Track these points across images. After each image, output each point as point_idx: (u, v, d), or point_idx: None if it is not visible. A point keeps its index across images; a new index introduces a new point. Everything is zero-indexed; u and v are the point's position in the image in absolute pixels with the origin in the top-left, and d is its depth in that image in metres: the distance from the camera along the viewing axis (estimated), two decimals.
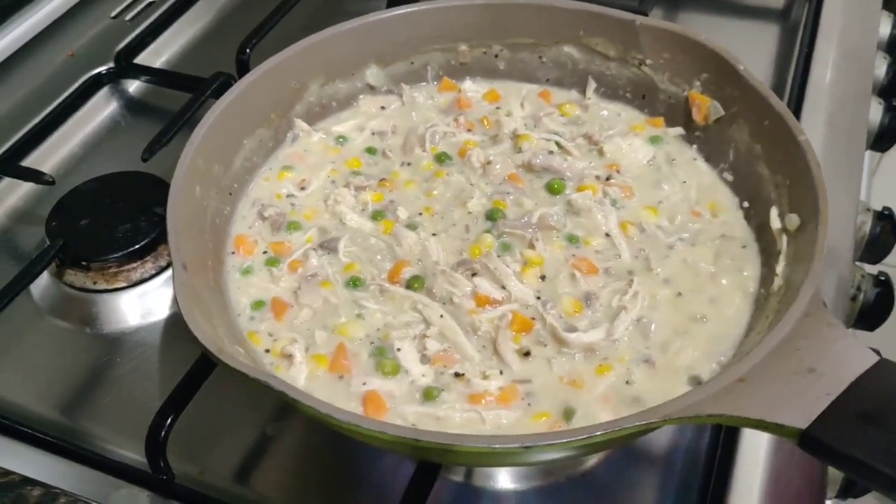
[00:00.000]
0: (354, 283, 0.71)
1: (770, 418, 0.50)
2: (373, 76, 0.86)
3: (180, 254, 0.63)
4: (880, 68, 1.13)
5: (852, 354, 0.52)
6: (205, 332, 0.57)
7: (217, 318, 0.64)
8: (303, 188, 0.79)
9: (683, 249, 0.73)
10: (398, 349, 0.66)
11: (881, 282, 0.92)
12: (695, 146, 0.80)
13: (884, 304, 0.92)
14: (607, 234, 0.74)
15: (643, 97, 0.83)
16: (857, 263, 0.97)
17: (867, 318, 0.93)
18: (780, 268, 0.65)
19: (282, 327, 0.69)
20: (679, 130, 0.81)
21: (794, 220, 0.66)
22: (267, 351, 0.67)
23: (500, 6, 0.82)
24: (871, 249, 0.98)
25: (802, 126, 0.94)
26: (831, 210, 0.87)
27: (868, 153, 1.18)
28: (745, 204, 0.75)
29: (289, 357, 0.66)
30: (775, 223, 0.68)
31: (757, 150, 0.73)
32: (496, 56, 0.86)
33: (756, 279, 0.69)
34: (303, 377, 0.65)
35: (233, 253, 0.74)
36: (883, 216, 0.99)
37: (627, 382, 0.64)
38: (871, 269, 0.97)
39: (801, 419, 0.49)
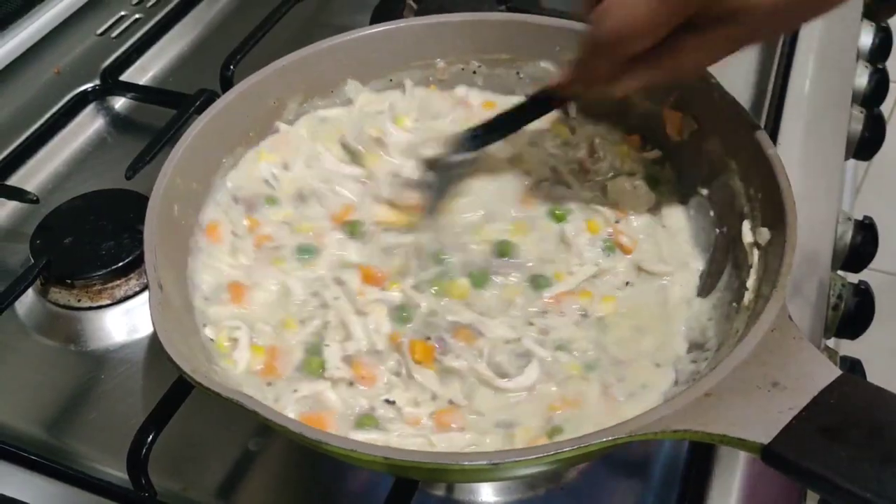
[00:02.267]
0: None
1: (733, 433, 0.50)
2: (353, 90, 0.86)
3: (157, 273, 0.63)
4: (862, 77, 1.14)
5: (816, 368, 0.52)
6: (179, 351, 0.58)
7: (193, 337, 0.65)
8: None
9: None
10: (326, 345, 0.68)
11: (861, 291, 0.92)
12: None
13: (865, 312, 0.92)
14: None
15: (618, 113, 0.83)
16: (840, 272, 0.98)
17: (849, 326, 0.93)
18: (750, 282, 0.65)
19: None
20: (657, 153, 0.81)
21: (764, 233, 0.67)
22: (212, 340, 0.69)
23: (477, 22, 0.83)
24: (853, 258, 0.99)
25: (781, 135, 0.97)
26: (810, 219, 0.88)
27: (853, 162, 1.19)
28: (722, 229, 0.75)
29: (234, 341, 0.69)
30: (747, 237, 0.69)
31: (731, 164, 0.73)
32: (474, 72, 0.86)
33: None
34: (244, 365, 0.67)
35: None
36: (864, 225, 0.99)
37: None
38: (853, 277, 0.97)
39: (764, 434, 0.49)
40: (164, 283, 0.64)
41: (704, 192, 0.77)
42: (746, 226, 0.69)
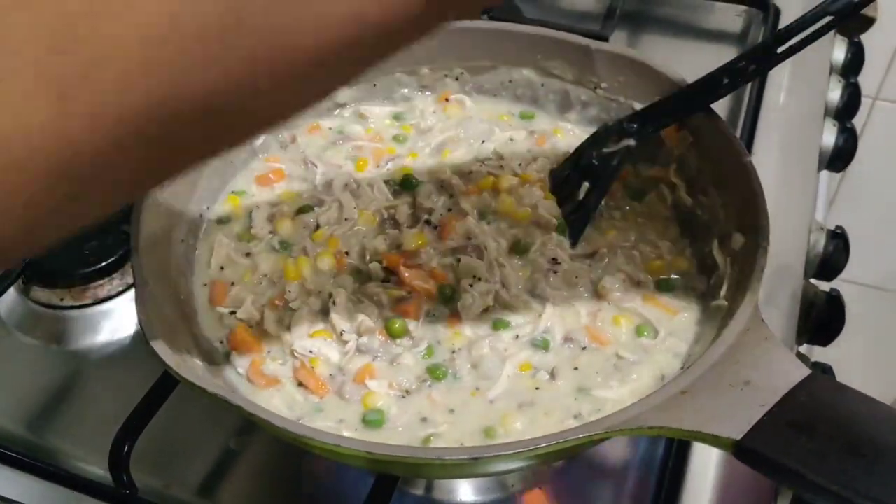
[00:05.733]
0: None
1: (706, 430, 0.52)
2: (340, 94, 0.87)
3: (143, 270, 0.64)
4: (835, 91, 1.17)
5: (786, 368, 0.54)
6: (165, 347, 0.59)
7: (179, 333, 0.65)
8: None
9: None
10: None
11: (833, 299, 0.94)
12: None
13: (836, 320, 0.95)
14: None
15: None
16: (812, 281, 1.00)
17: (821, 333, 0.96)
18: (723, 289, 0.67)
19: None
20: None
21: (738, 239, 0.68)
22: None
23: (460, 30, 0.84)
24: (825, 267, 1.01)
25: (756, 147, 0.99)
26: (783, 229, 0.90)
27: (826, 174, 1.22)
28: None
29: None
30: (717, 249, 0.71)
31: (706, 170, 0.75)
32: (456, 78, 0.88)
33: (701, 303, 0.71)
34: None
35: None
36: (836, 235, 1.02)
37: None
38: (825, 286, 1.00)
39: (736, 430, 0.51)
40: (150, 281, 0.64)
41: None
42: (715, 243, 0.71)
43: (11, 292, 0.85)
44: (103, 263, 0.84)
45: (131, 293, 0.85)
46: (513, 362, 0.66)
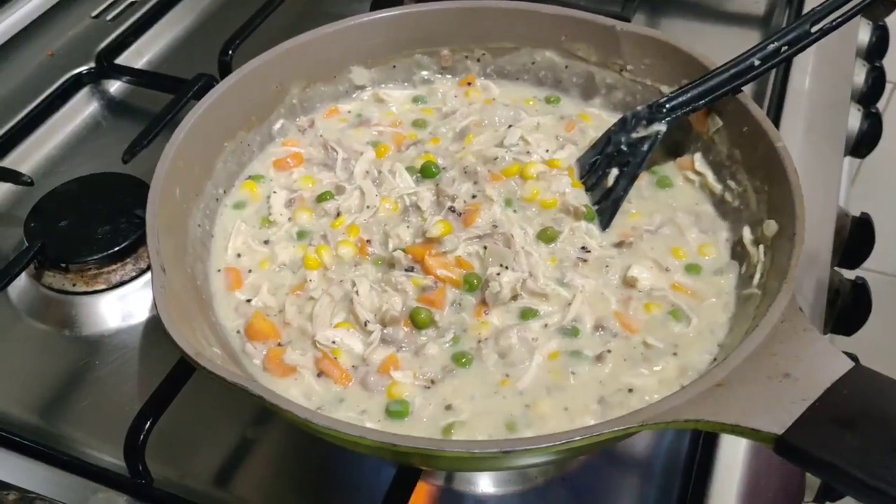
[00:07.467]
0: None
1: (746, 423, 0.50)
2: (359, 77, 0.86)
3: (160, 256, 0.63)
4: (859, 75, 1.14)
5: (827, 360, 0.52)
6: (183, 335, 0.57)
7: (196, 321, 0.64)
8: None
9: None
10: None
11: (858, 286, 0.93)
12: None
13: (861, 308, 0.93)
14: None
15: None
16: (836, 268, 0.98)
17: (845, 322, 0.94)
18: (756, 277, 0.65)
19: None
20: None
21: (772, 225, 0.66)
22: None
23: (481, 10, 0.82)
24: (850, 255, 0.99)
25: (782, 132, 0.96)
26: (810, 216, 0.88)
27: (848, 159, 1.20)
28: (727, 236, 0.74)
29: None
30: (748, 236, 0.69)
31: (736, 155, 0.73)
32: (478, 60, 0.86)
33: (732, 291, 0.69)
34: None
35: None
36: (861, 221, 1.00)
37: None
38: (850, 274, 0.98)
39: (777, 425, 0.49)
40: (167, 267, 0.63)
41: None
42: (747, 230, 0.70)
43: (23, 278, 0.83)
44: (116, 248, 0.83)
45: (144, 278, 0.84)
46: (542, 352, 0.64)
